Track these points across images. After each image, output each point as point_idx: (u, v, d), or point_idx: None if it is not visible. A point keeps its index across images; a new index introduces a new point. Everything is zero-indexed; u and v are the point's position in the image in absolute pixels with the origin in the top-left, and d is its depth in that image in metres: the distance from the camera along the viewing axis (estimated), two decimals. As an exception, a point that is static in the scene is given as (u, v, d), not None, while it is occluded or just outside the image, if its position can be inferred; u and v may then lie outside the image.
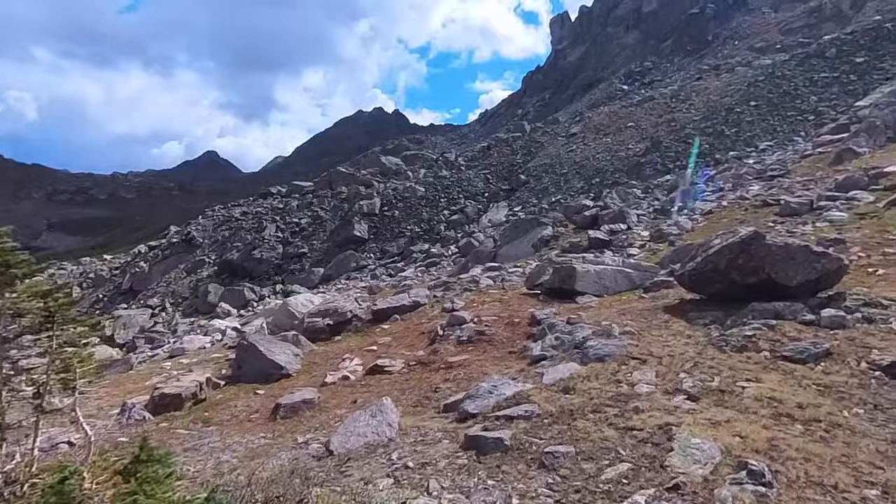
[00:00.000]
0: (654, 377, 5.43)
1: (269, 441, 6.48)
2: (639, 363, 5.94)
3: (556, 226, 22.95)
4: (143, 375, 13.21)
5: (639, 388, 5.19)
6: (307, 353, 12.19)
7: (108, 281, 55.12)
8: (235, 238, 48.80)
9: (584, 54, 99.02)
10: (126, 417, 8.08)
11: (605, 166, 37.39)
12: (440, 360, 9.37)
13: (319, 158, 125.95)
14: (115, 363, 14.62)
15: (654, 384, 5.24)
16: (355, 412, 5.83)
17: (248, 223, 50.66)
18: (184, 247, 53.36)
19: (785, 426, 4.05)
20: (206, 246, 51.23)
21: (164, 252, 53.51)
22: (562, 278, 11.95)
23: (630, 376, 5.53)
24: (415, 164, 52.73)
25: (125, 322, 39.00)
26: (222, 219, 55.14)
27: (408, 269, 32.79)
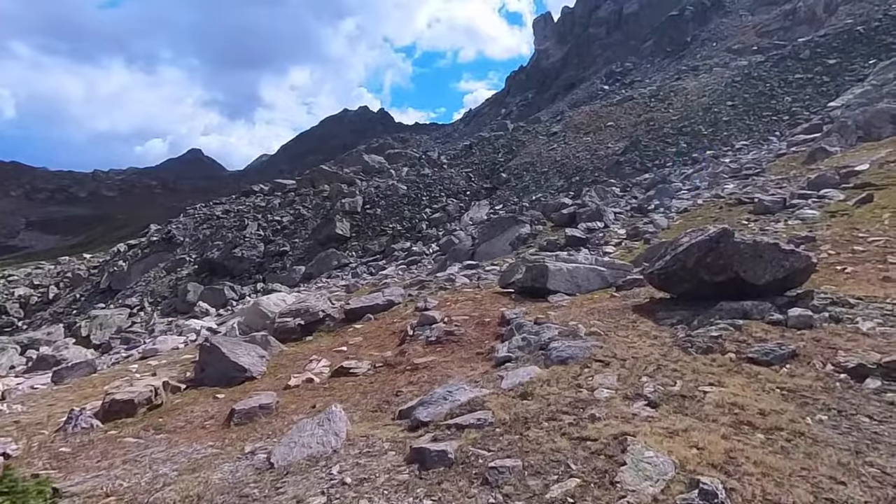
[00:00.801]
0: (615, 381, 5.14)
1: (216, 451, 6.07)
2: (602, 366, 5.65)
3: (534, 224, 22.73)
4: (106, 378, 12.64)
5: (599, 392, 4.90)
6: (276, 355, 11.76)
7: (85, 280, 53.77)
8: (216, 236, 47.89)
9: (566, 55, 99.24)
10: (73, 426, 7.59)
11: (585, 165, 37.32)
12: (407, 361, 9.02)
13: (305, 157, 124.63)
14: (77, 366, 14.01)
15: (615, 389, 4.95)
16: (301, 421, 5.46)
17: (229, 221, 49.77)
18: (164, 245, 52.25)
19: (745, 435, 3.77)
20: (186, 244, 50.22)
21: (144, 251, 52.37)
22: (534, 277, 11.68)
23: (591, 380, 5.24)
24: (398, 163, 52.26)
25: (101, 322, 38.01)
26: (204, 217, 54.13)
27: (389, 268, 32.37)
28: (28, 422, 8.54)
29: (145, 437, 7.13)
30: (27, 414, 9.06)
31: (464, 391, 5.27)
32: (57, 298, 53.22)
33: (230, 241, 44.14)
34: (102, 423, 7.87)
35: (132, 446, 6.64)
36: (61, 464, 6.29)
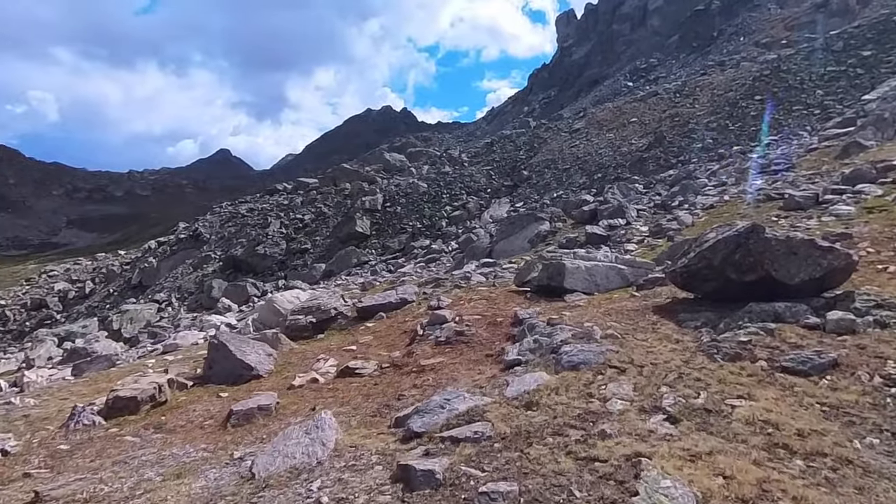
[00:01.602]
0: (631, 391, 4.59)
1: (207, 454, 5.73)
2: (617, 373, 5.09)
3: (553, 221, 22.03)
4: (123, 373, 12.57)
5: (612, 404, 4.35)
6: (286, 353, 11.46)
7: (119, 276, 55.02)
8: (241, 234, 48.35)
9: (589, 52, 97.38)
10: (75, 423, 7.38)
11: (608, 161, 36.29)
12: (414, 362, 8.58)
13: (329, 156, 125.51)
14: (97, 360, 14.01)
15: (630, 400, 4.40)
16: (289, 428, 5.05)
17: (253, 219, 50.20)
18: (191, 243, 53.07)
19: (781, 462, 3.20)
20: (212, 242, 50.85)
21: (173, 248, 53.27)
22: (550, 275, 11.09)
23: (604, 389, 4.70)
24: (418, 161, 51.91)
25: (132, 316, 38.73)
26: (229, 215, 54.76)
27: (408, 265, 32.04)
28: (37, 416, 8.40)
29: (144, 435, 6.85)
30: (38, 408, 8.94)
31: (463, 399, 4.79)
32: (93, 293, 54.61)
33: (254, 238, 44.50)
34: (105, 420, 7.64)
35: (128, 446, 6.37)
36: (56, 462, 6.05)
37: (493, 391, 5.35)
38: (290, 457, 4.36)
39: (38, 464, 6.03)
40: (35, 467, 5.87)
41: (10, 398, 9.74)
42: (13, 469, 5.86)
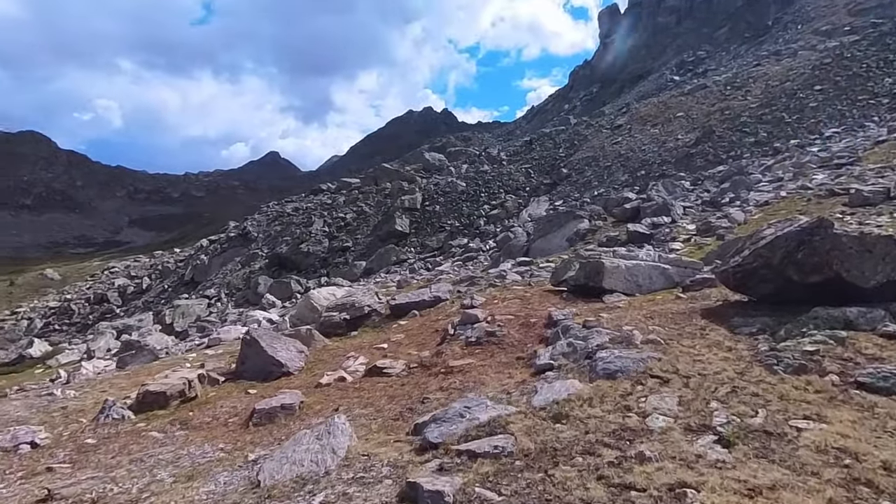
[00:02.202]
0: (675, 405, 4.01)
1: (223, 455, 5.52)
2: (659, 384, 4.51)
3: (593, 219, 21.12)
4: (164, 367, 12.78)
5: (652, 420, 3.80)
6: (318, 350, 11.32)
7: (173, 272, 57.44)
8: (286, 232, 49.44)
9: (633, 46, 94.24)
10: (105, 417, 7.40)
11: (652, 158, 34.74)
12: (442, 363, 8.17)
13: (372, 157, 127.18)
14: (140, 353, 14.37)
15: (675, 416, 3.82)
16: (300, 432, 4.75)
17: (298, 218, 51.24)
18: (240, 241, 54.76)
19: (863, 502, 2.58)
20: (259, 240, 52.27)
21: (223, 246, 55.13)
22: (588, 274, 10.43)
23: (644, 402, 4.13)
24: (457, 160, 51.55)
25: (183, 311, 40.17)
26: (275, 214, 56.16)
27: (445, 264, 31.73)
28: (74, 408, 8.52)
29: (168, 431, 6.76)
30: (77, 400, 9.10)
31: (485, 407, 4.34)
32: (149, 288, 57.25)
33: (298, 236, 45.36)
34: (135, 415, 7.63)
35: (150, 442, 6.26)
36: (79, 457, 6.00)
37: (519, 398, 4.87)
38: (298, 464, 4.04)
39: (63, 458, 6.00)
40: (59, 461, 5.83)
41: (53, 389, 10.00)
42: (38, 462, 5.85)
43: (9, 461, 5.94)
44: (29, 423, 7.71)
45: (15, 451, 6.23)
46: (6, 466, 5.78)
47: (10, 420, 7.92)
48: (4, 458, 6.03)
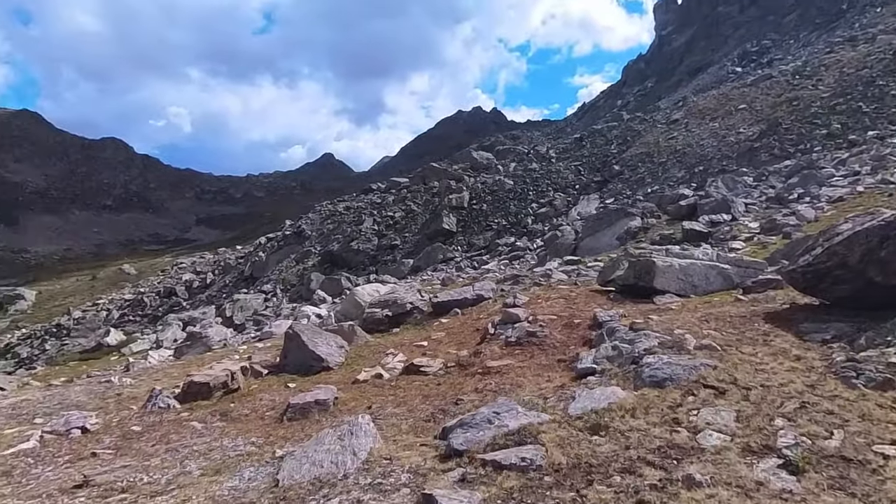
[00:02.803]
0: (732, 421, 3.50)
1: (254, 449, 5.45)
2: (714, 395, 3.99)
3: (646, 217, 20.06)
4: (216, 357, 13.18)
5: (704, 437, 3.31)
6: (360, 346, 11.27)
7: (234, 268, 60.10)
8: (338, 231, 50.49)
9: (690, 38, 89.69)
10: (151, 405, 7.60)
11: (711, 153, 32.75)
12: (480, 363, 7.84)
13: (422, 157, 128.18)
14: (196, 344, 14.91)
15: (731, 433, 3.32)
16: (323, 431, 4.56)
17: (349, 217, 52.21)
18: (295, 239, 56.48)
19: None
20: (313, 238, 53.68)
21: (279, 243, 57.06)
22: (638, 273, 9.77)
23: (695, 416, 3.64)
24: (506, 159, 50.85)
25: (242, 305, 41.81)
26: (328, 213, 57.51)
27: (492, 262, 31.26)
28: (127, 395, 8.84)
29: (208, 422, 6.82)
30: (132, 388, 9.46)
31: (515, 414, 3.98)
32: (212, 283, 60.12)
33: (348, 235, 46.19)
34: (180, 404, 7.79)
35: (188, 433, 6.32)
36: (123, 444, 6.14)
37: (555, 405, 4.47)
38: (318, 465, 3.84)
39: (108, 443, 6.15)
40: (104, 447, 5.97)
41: (112, 377, 10.45)
42: (86, 447, 6.02)
43: (59, 445, 6.15)
44: (85, 408, 8.06)
45: (67, 436, 6.46)
46: (56, 450, 5.98)
47: (69, 404, 8.30)
48: (56, 442, 6.26)
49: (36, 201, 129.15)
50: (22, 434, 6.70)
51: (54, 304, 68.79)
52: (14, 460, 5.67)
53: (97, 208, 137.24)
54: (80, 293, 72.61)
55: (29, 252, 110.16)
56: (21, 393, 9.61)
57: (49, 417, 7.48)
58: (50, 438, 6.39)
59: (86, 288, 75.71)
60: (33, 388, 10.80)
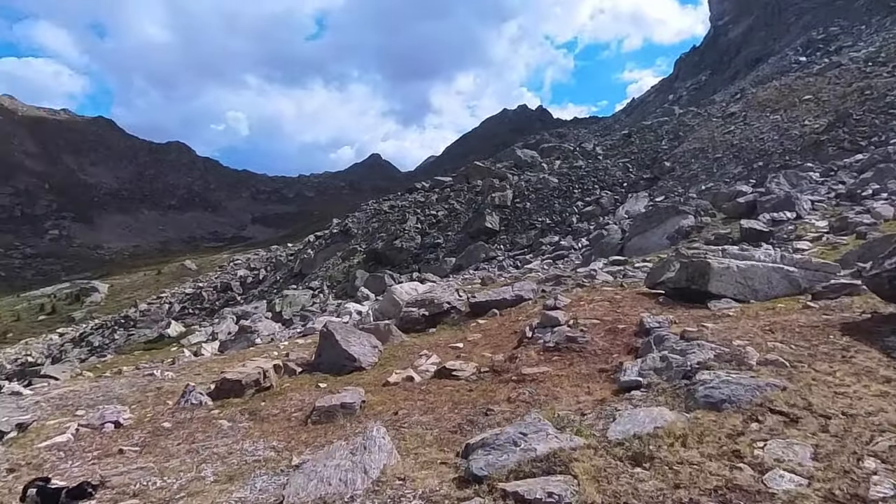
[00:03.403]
0: (809, 458, 2.85)
1: (272, 454, 5.19)
2: (783, 423, 3.33)
3: (699, 215, 18.74)
4: (258, 352, 13.28)
5: (774, 478, 2.70)
6: (395, 345, 10.99)
7: (284, 265, 61.89)
8: (382, 229, 50.88)
9: (750, 27, 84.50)
10: (185, 401, 7.56)
11: (772, 147, 30.47)
12: (515, 369, 7.32)
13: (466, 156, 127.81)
14: (240, 338, 15.13)
15: (808, 475, 2.69)
16: (336, 443, 4.20)
17: (393, 216, 52.51)
18: (342, 237, 57.45)
19: None
20: (358, 236, 54.41)
21: (327, 241, 58.21)
22: (690, 275, 8.93)
23: (761, 449, 3.02)
24: (550, 156, 49.60)
25: (290, 301, 42.84)
26: (374, 212, 58.13)
27: (535, 262, 30.44)
28: (167, 389, 8.90)
29: (236, 420, 6.67)
30: (172, 382, 9.54)
31: (545, 436, 3.47)
32: (265, 279, 62.16)
33: (392, 233, 46.41)
34: (213, 401, 7.72)
35: (214, 432, 6.17)
36: (151, 440, 6.06)
37: (593, 424, 3.92)
38: (326, 482, 3.49)
39: (138, 440, 6.09)
40: (132, 444, 5.91)
41: (155, 370, 10.63)
42: (115, 443, 5.98)
43: (91, 439, 6.15)
44: (126, 401, 8.15)
45: (100, 430, 6.48)
46: (87, 444, 5.98)
47: (112, 397, 8.43)
48: (88, 436, 6.27)
49: (109, 202, 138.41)
50: (61, 426, 6.79)
51: (124, 297, 73.28)
52: (47, 454, 5.69)
53: (163, 208, 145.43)
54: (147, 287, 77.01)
55: (103, 248, 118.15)
56: (72, 383, 9.93)
57: (90, 409, 7.59)
58: (84, 432, 6.42)
59: (152, 282, 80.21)
60: (84, 378, 11.19)
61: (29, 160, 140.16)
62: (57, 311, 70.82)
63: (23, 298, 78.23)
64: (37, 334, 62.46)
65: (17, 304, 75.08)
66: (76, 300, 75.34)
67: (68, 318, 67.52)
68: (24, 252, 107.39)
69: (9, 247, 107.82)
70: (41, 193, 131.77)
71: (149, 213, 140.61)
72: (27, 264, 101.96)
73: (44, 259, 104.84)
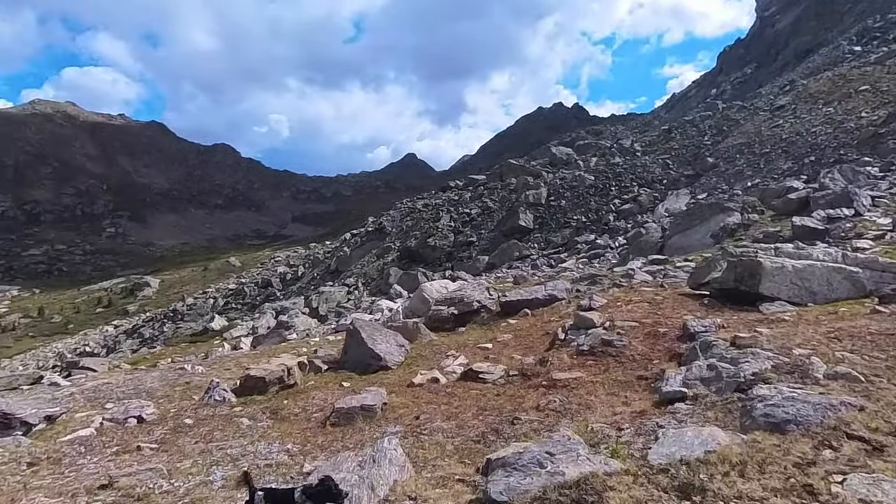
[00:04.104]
0: None
1: (286, 459, 4.90)
2: (864, 451, 2.74)
3: (746, 211, 17.54)
4: (288, 348, 13.22)
5: (863, 526, 2.14)
6: (423, 344, 10.61)
7: (321, 262, 62.82)
8: (416, 227, 50.80)
9: (798, 18, 79.84)
10: (209, 397, 7.43)
11: (825, 141, 28.46)
12: (545, 374, 6.81)
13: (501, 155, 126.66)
14: (272, 333, 15.14)
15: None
16: (344, 453, 3.84)
17: (427, 214, 52.36)
18: (376, 235, 57.77)
19: None
20: (393, 234, 54.55)
21: (362, 239, 58.67)
22: (739, 276, 8.15)
23: (839, 485, 2.45)
24: (586, 153, 48.25)
25: (326, 297, 43.32)
26: (408, 210, 58.17)
27: (569, 261, 29.52)
28: (196, 384, 8.83)
29: (256, 419, 6.45)
30: (201, 376, 9.49)
31: (575, 456, 2.99)
32: (303, 276, 63.29)
33: (426, 231, 46.25)
34: (236, 398, 7.56)
35: (232, 431, 5.95)
36: (169, 437, 5.90)
37: (631, 443, 3.41)
38: (330, 499, 3.11)
39: (157, 436, 5.94)
40: (150, 441, 5.76)
41: (186, 365, 10.65)
42: (135, 439, 5.85)
43: (113, 434, 6.05)
44: (154, 395, 8.11)
45: (123, 424, 6.39)
46: (108, 439, 5.87)
47: (142, 390, 8.41)
48: (111, 431, 6.18)
49: (160, 201, 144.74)
50: (88, 419, 6.76)
51: (173, 291, 76.27)
52: (68, 448, 5.61)
53: (210, 207, 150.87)
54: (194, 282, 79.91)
55: (154, 245, 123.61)
56: (107, 376, 10.04)
57: (119, 403, 7.56)
58: (108, 426, 6.34)
59: (199, 277, 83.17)
60: (120, 371, 11.35)
61: (89, 162, 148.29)
62: (112, 305, 74.43)
63: (82, 292, 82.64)
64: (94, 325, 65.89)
65: (77, 298, 79.35)
66: (130, 294, 78.98)
67: (122, 311, 70.89)
68: (84, 249, 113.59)
69: (70, 244, 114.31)
70: (100, 194, 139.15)
71: (196, 212, 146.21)
72: (87, 260, 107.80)
73: (101, 255, 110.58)
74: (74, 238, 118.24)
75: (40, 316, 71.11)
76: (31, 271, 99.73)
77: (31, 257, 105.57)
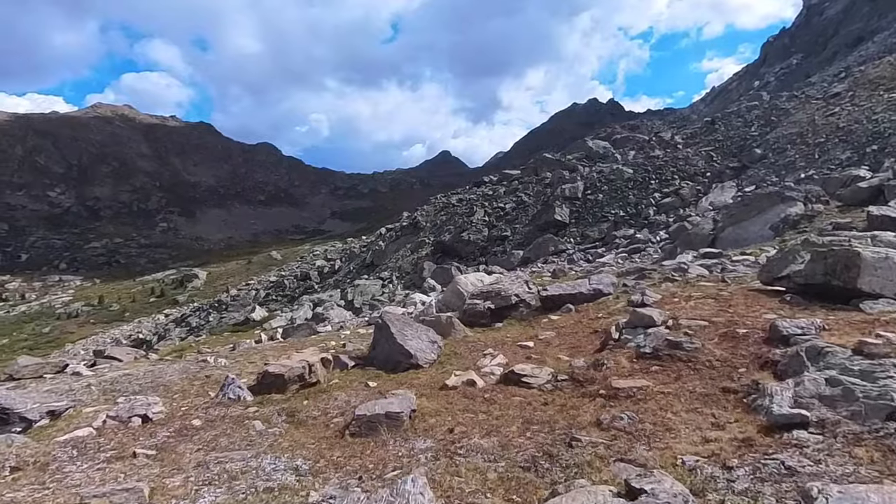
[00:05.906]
0: None
1: (292, 481, 3.94)
2: None
3: (809, 202, 15.63)
4: (318, 341, 12.45)
5: None
6: (457, 341, 9.54)
7: (357, 256, 62.77)
8: (450, 222, 49.82)
9: (850, 4, 74.06)
10: (222, 395, 6.61)
11: (889, 129, 25.68)
12: (602, 380, 5.61)
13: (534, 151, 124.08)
14: (301, 327, 14.47)
15: None
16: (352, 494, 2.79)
17: (461, 209, 51.28)
18: (411, 229, 57.15)
19: None
20: (427, 229, 53.77)
21: (397, 233, 58.18)
22: (830, 268, 6.70)
23: None
24: (624, 147, 45.98)
25: (362, 290, 42.96)
26: (442, 205, 57.25)
27: (607, 255, 27.86)
28: (214, 379, 8.06)
29: (271, 422, 5.56)
30: (223, 369, 8.75)
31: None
32: (340, 269, 63.42)
33: (460, 225, 45.19)
34: (252, 396, 6.71)
35: (239, 438, 5.05)
36: (170, 443, 5.06)
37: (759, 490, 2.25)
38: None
39: (158, 440, 5.12)
40: (149, 446, 4.94)
41: (208, 357, 9.97)
42: (135, 442, 5.05)
43: (112, 435, 5.27)
44: (171, 389, 7.39)
45: (126, 424, 5.61)
46: (105, 441, 5.08)
47: (158, 384, 7.71)
48: (111, 431, 5.41)
49: (208, 198, 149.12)
50: (94, 414, 6.05)
51: (219, 283, 78.11)
52: (60, 450, 4.85)
53: (253, 203, 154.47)
54: (239, 274, 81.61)
55: (203, 239, 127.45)
56: (130, 366, 9.48)
57: (131, 397, 6.86)
58: (110, 425, 5.58)
59: (243, 270, 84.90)
60: (145, 362, 10.81)
61: (144, 161, 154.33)
62: (164, 295, 76.86)
63: (138, 283, 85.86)
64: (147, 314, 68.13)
65: (132, 288, 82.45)
66: (180, 285, 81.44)
67: (173, 301, 73.09)
68: (140, 242, 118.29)
69: (127, 237, 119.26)
70: (153, 191, 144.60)
71: (241, 208, 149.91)
72: (142, 253, 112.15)
73: (155, 248, 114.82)
74: (131, 232, 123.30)
75: (100, 304, 74.17)
76: (93, 263, 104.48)
77: (92, 250, 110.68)
